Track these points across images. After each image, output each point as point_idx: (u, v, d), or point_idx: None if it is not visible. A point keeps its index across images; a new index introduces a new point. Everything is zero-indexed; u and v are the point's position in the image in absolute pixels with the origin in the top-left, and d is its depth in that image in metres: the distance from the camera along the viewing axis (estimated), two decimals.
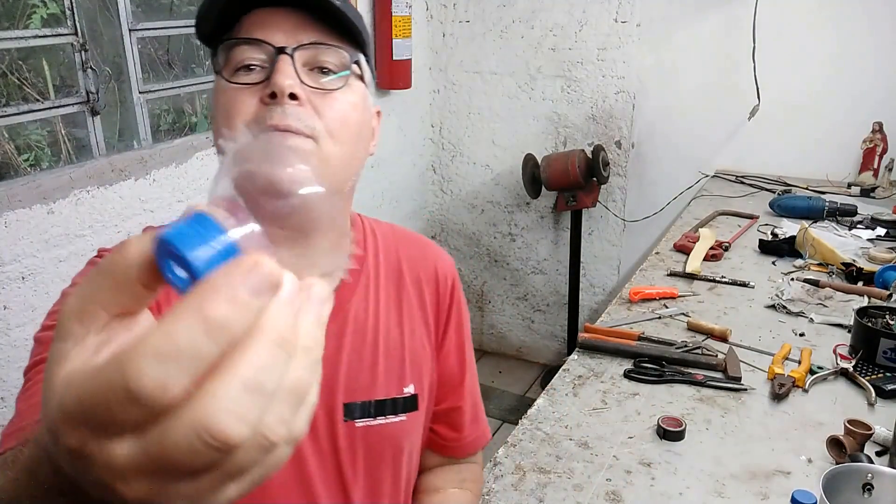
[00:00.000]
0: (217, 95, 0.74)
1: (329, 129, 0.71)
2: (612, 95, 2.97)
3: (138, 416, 0.26)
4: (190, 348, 0.25)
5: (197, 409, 0.25)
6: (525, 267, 3.37)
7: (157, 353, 0.25)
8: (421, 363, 0.90)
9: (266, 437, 0.27)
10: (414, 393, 0.87)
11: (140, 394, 0.25)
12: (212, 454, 0.26)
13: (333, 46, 0.73)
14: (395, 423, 0.85)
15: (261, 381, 0.26)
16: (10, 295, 1.66)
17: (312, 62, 0.72)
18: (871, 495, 0.90)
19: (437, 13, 3.19)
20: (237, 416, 0.26)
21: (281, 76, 0.68)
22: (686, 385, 1.35)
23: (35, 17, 1.79)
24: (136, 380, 0.25)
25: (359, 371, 0.83)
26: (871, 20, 2.51)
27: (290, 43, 0.71)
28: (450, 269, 0.96)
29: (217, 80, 0.74)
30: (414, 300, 0.90)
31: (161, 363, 0.25)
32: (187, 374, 0.26)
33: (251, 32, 0.72)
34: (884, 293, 1.67)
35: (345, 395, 0.81)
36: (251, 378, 0.26)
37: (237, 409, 0.26)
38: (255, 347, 0.27)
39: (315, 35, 0.72)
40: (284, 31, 0.71)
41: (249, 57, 0.71)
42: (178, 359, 0.25)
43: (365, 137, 0.78)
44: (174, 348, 0.25)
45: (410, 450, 0.90)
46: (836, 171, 2.61)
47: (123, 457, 0.27)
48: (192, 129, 2.30)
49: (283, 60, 0.69)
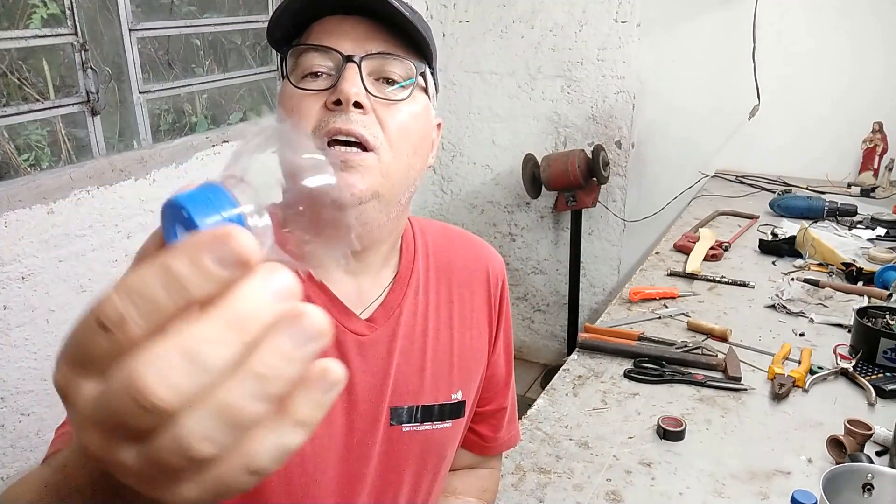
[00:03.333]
0: (283, 99, 0.75)
1: (390, 140, 0.71)
2: (612, 95, 2.97)
3: (104, 345, 0.26)
4: (148, 293, 0.26)
5: (133, 362, 0.25)
6: (525, 267, 3.37)
7: (123, 289, 0.26)
8: (470, 367, 0.89)
9: (189, 447, 0.26)
10: (461, 399, 0.86)
11: (104, 319, 0.26)
12: (139, 412, 0.25)
13: (400, 57, 0.73)
14: (441, 429, 0.84)
15: (200, 352, 0.25)
16: (10, 295, 1.65)
17: (378, 72, 0.73)
18: (871, 495, 0.90)
19: (437, 13, 3.19)
20: (165, 380, 0.25)
21: (347, 84, 0.69)
22: (686, 385, 1.35)
23: (35, 17, 1.79)
24: (104, 305, 0.26)
25: (407, 375, 0.82)
26: (871, 20, 2.51)
27: (358, 52, 0.71)
28: (500, 268, 0.94)
29: (283, 85, 0.75)
30: (466, 302, 0.89)
31: (122, 299, 0.26)
32: (142, 317, 0.26)
33: (320, 39, 0.73)
34: (884, 293, 1.68)
35: (392, 398, 0.81)
36: (190, 346, 0.25)
37: (167, 372, 0.25)
38: (204, 319, 0.26)
39: (383, 45, 0.73)
40: (353, 39, 0.72)
41: (317, 64, 0.72)
42: (137, 298, 0.26)
43: (424, 149, 0.78)
44: (134, 289, 0.26)
45: (451, 455, 0.90)
46: (836, 171, 2.61)
47: (88, 394, 0.27)
48: (192, 129, 2.30)
49: (349, 69, 0.70)
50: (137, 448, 0.27)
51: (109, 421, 0.26)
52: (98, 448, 0.27)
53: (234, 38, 2.49)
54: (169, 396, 0.25)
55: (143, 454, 0.27)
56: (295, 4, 0.72)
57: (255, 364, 0.26)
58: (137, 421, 0.26)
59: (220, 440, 0.26)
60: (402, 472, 0.83)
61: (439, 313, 0.86)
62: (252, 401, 0.26)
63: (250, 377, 0.26)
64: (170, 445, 0.26)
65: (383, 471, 0.81)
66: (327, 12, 0.73)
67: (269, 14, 2.56)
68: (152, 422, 0.25)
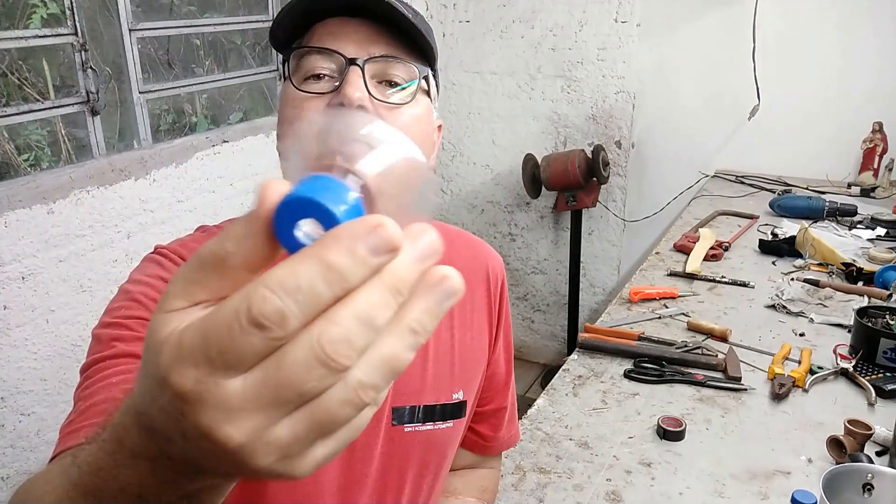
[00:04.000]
0: (284, 101, 0.74)
1: None
2: (612, 95, 2.97)
3: (258, 345, 0.27)
4: (308, 287, 0.27)
5: (314, 330, 0.27)
6: (525, 267, 3.37)
7: (280, 285, 0.27)
8: (471, 367, 0.89)
9: (359, 397, 0.28)
10: (462, 399, 0.86)
11: (262, 319, 0.27)
12: (323, 375, 0.27)
13: (403, 60, 0.73)
14: (443, 429, 0.84)
15: (371, 315, 0.28)
16: (10, 295, 1.66)
17: (381, 75, 0.73)
18: (871, 495, 0.90)
19: (437, 13, 3.19)
20: (348, 340, 0.27)
21: (351, 88, 0.69)
22: (686, 385, 1.35)
23: (35, 17, 1.79)
24: (259, 305, 0.27)
25: (409, 375, 0.82)
26: (871, 20, 2.51)
27: (362, 55, 0.71)
28: (500, 268, 0.94)
29: (285, 86, 0.75)
30: (466, 302, 0.89)
31: (281, 295, 0.27)
32: (302, 311, 0.27)
33: (323, 42, 0.72)
34: (884, 293, 1.68)
35: (393, 398, 0.81)
36: (363, 311, 0.28)
37: (348, 333, 0.28)
38: (369, 288, 0.28)
39: (386, 48, 0.73)
40: (356, 42, 0.72)
41: (320, 66, 0.72)
42: (297, 294, 0.27)
43: (426, 152, 0.78)
44: (294, 284, 0.27)
45: (452, 455, 0.90)
46: (836, 171, 2.61)
47: (238, 389, 0.28)
48: (192, 129, 2.30)
49: (353, 72, 0.70)
50: (298, 415, 0.28)
51: (282, 396, 0.28)
52: (251, 433, 0.28)
53: (234, 38, 2.49)
54: (351, 354, 0.28)
55: (305, 417, 0.28)
56: (299, 6, 0.72)
57: (409, 321, 0.29)
58: (322, 383, 0.28)
59: (382, 386, 0.29)
60: (403, 472, 0.83)
61: None
62: (406, 351, 0.29)
63: (406, 332, 0.29)
64: (342, 397, 0.28)
65: (385, 471, 0.81)
66: (330, 14, 0.73)
67: (269, 14, 2.56)
68: (333, 381, 0.28)
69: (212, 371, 0.28)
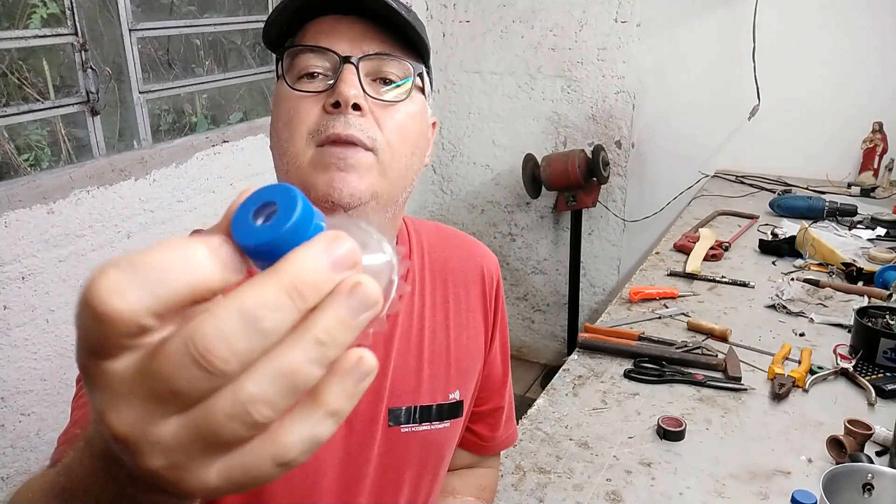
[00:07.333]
0: (278, 101, 0.74)
1: (388, 141, 0.71)
2: (612, 95, 2.97)
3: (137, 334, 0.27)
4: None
5: (192, 324, 0.25)
6: (525, 267, 3.37)
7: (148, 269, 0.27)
8: (467, 367, 0.88)
9: (247, 411, 0.26)
10: (459, 399, 0.86)
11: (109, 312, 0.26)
12: (197, 375, 0.25)
13: (398, 58, 0.73)
14: (440, 429, 0.84)
15: (258, 314, 0.26)
16: (10, 295, 1.65)
17: (376, 72, 0.72)
18: (871, 495, 0.90)
19: (437, 13, 3.19)
20: (223, 337, 0.25)
21: (346, 86, 0.68)
22: (686, 385, 1.35)
23: (35, 17, 1.79)
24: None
25: (405, 376, 0.82)
26: (871, 20, 2.51)
27: (355, 52, 0.71)
28: (495, 267, 0.95)
29: (279, 86, 0.74)
30: (462, 302, 0.89)
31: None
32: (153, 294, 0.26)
33: (316, 40, 0.72)
34: (884, 293, 1.67)
35: (390, 399, 0.81)
36: (248, 308, 0.26)
37: (224, 329, 0.25)
38: (261, 284, 0.26)
39: (379, 45, 0.72)
40: (349, 39, 0.71)
41: (313, 64, 0.71)
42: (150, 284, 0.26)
43: (422, 149, 0.78)
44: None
45: (450, 455, 0.90)
46: (836, 171, 2.61)
47: (118, 373, 0.27)
48: (192, 129, 2.30)
49: (347, 70, 0.69)
50: (180, 419, 0.26)
51: (157, 390, 0.26)
52: (132, 425, 0.27)
53: (234, 38, 2.49)
54: (226, 355, 0.25)
55: (188, 423, 0.26)
56: (292, 5, 0.72)
57: (313, 330, 0.27)
58: (194, 384, 0.25)
59: (278, 403, 0.26)
60: (401, 473, 0.83)
61: (435, 313, 0.86)
62: (310, 365, 0.27)
63: (309, 342, 0.26)
64: (227, 408, 0.26)
65: (383, 472, 0.81)
66: (323, 12, 0.73)
67: (269, 14, 2.56)
68: (209, 384, 0.26)
69: (96, 359, 0.27)
